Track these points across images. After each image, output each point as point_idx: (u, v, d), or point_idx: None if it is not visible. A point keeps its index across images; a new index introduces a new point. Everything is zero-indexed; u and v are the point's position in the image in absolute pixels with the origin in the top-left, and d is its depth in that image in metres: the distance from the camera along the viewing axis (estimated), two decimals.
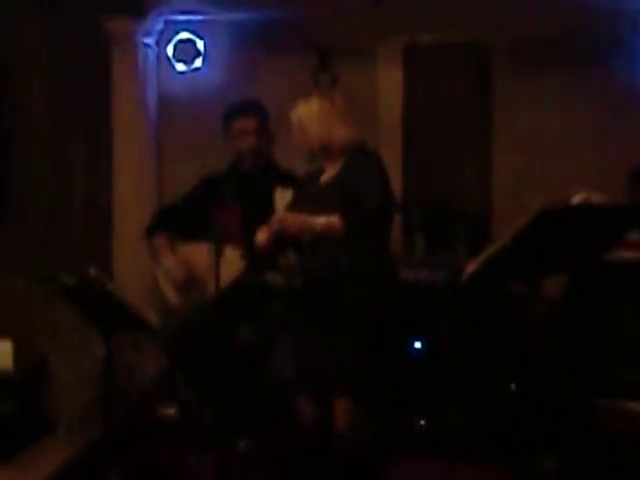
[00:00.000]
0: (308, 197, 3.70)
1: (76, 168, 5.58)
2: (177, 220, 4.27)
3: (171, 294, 4.19)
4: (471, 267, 2.96)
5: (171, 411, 4.76)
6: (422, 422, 4.59)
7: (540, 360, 3.74)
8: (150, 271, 4.47)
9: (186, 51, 5.56)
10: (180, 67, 5.61)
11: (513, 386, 4.33)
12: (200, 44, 5.57)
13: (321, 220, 3.48)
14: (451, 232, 5.16)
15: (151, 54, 5.63)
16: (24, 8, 5.56)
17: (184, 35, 5.56)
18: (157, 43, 5.64)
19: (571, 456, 3.94)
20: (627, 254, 3.96)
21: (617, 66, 5.34)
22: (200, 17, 5.54)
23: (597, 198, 2.97)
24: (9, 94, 5.59)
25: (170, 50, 5.58)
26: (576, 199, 2.91)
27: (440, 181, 5.59)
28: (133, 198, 5.50)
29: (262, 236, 3.70)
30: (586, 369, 4.16)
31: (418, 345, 4.70)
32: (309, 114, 3.70)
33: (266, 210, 3.86)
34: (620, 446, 3.83)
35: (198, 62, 5.59)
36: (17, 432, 4.52)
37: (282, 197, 3.77)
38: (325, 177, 3.71)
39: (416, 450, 4.44)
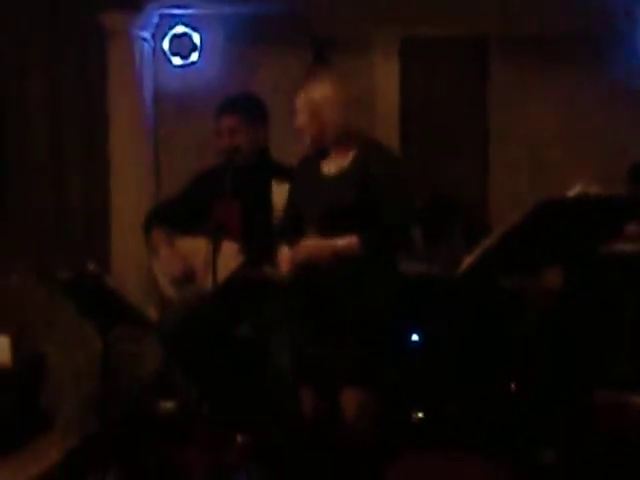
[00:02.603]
0: (312, 188, 3.49)
1: (73, 164, 5.58)
2: (174, 215, 4.26)
3: (168, 288, 4.18)
4: (468, 260, 2.95)
5: (169, 405, 4.77)
6: (420, 414, 4.59)
7: (539, 352, 3.73)
8: (148, 266, 4.47)
9: (182, 45, 5.55)
10: (176, 61, 5.60)
11: (513, 385, 4.34)
12: (196, 38, 5.57)
13: (342, 242, 3.31)
14: (448, 225, 5.16)
15: (147, 48, 5.63)
16: (22, 3, 5.56)
17: (180, 29, 5.55)
18: (153, 37, 5.64)
19: (571, 449, 3.94)
20: (627, 246, 3.96)
21: (615, 61, 5.33)
22: (196, 11, 5.53)
23: (595, 189, 2.95)
24: (6, 92, 5.59)
25: (166, 44, 5.57)
26: (574, 191, 2.89)
27: (437, 174, 5.60)
28: (130, 193, 5.49)
29: (285, 266, 3.51)
30: (586, 361, 4.16)
31: (415, 338, 4.70)
32: (324, 95, 3.45)
33: (263, 204, 3.85)
34: (620, 439, 3.83)
35: (194, 56, 5.58)
36: (15, 427, 4.52)
37: (279, 191, 3.76)
38: (332, 167, 3.48)
39: (414, 442, 4.45)
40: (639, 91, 5.29)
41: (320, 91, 3.46)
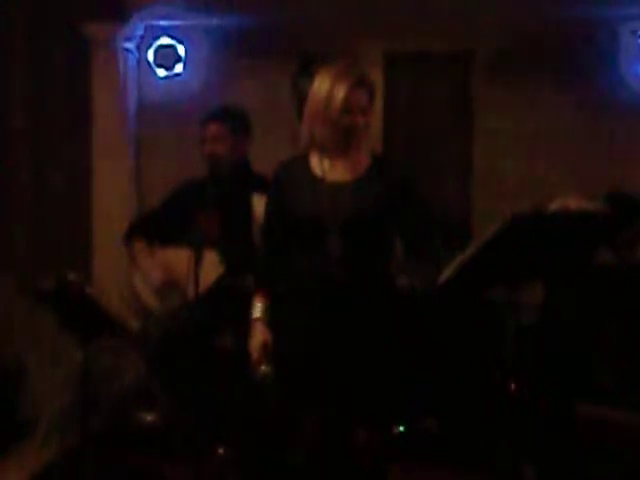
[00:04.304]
0: (319, 194, 3.13)
1: (56, 172, 5.56)
2: (156, 225, 4.27)
3: (150, 299, 4.19)
4: (445, 273, 2.94)
5: (149, 417, 4.74)
6: (400, 428, 4.58)
7: (521, 367, 3.73)
8: (129, 277, 4.46)
9: (167, 56, 5.55)
10: (161, 72, 5.60)
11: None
12: (181, 49, 5.56)
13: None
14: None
15: (132, 59, 5.62)
16: (5, 11, 5.55)
17: (165, 40, 5.55)
18: (138, 48, 5.63)
19: (552, 463, 3.95)
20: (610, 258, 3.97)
21: (598, 76, 5.37)
22: (181, 22, 5.54)
23: (577, 203, 2.95)
24: None
25: (151, 55, 5.57)
26: (554, 205, 2.90)
27: (421, 187, 5.60)
28: (113, 202, 5.49)
29: (257, 356, 3.23)
30: (568, 375, 4.17)
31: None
32: (365, 78, 3.13)
33: (244, 215, 3.86)
34: (601, 454, 3.83)
35: (179, 67, 5.58)
36: None
37: (260, 203, 3.75)
38: (341, 173, 3.15)
39: (395, 456, 4.44)
40: (621, 105, 5.32)
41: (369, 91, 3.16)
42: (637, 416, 3.84)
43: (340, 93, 3.05)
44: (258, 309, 3.26)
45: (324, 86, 3.09)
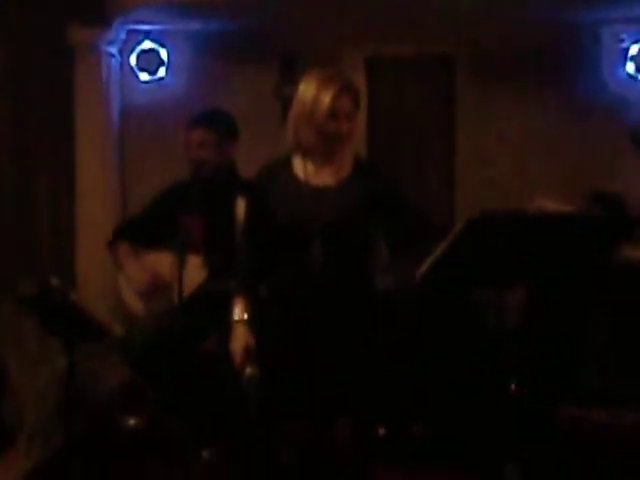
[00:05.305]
0: (301, 198, 3.14)
1: (39, 178, 5.55)
2: (140, 230, 4.27)
3: (135, 302, 4.19)
4: (419, 272, 2.96)
5: (134, 421, 4.74)
6: (382, 431, 4.58)
7: (505, 368, 3.74)
8: (113, 281, 4.46)
9: (149, 60, 5.56)
10: (144, 76, 5.60)
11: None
12: (164, 53, 5.57)
13: None
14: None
15: (114, 63, 5.62)
16: None
17: (147, 44, 5.55)
18: (120, 52, 5.63)
19: (535, 464, 3.96)
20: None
21: (580, 78, 5.40)
22: (163, 27, 5.54)
23: (554, 205, 2.97)
24: None
25: (133, 59, 5.58)
26: (532, 207, 2.92)
27: (404, 189, 5.61)
28: (96, 207, 5.48)
29: (240, 358, 3.21)
30: (550, 377, 4.19)
31: None
32: (351, 84, 3.14)
33: (228, 219, 3.86)
34: (584, 454, 3.85)
35: (162, 71, 5.58)
36: None
37: (243, 206, 3.75)
38: (325, 177, 3.15)
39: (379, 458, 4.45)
40: (604, 108, 5.35)
41: (347, 80, 3.15)
42: (620, 416, 3.87)
43: (326, 98, 3.04)
44: (239, 311, 3.25)
45: (310, 91, 3.08)
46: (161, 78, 5.61)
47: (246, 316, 3.24)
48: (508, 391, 3.45)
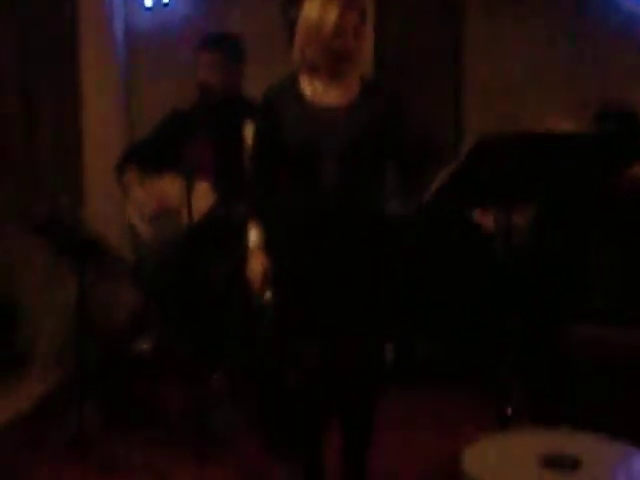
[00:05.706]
0: (313, 119, 3.08)
1: (44, 104, 5.52)
2: (147, 154, 4.27)
3: (143, 227, 4.20)
4: (427, 195, 2.95)
5: (145, 346, 4.80)
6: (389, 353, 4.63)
7: (511, 288, 3.76)
8: (121, 206, 4.47)
9: None
10: (148, 2, 5.54)
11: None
12: None
13: None
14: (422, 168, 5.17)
15: None
16: None
17: None
18: None
19: (543, 382, 4.00)
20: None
21: (592, 7, 5.32)
22: None
23: (565, 126, 2.96)
24: None
25: None
26: (543, 127, 2.91)
27: (411, 123, 5.58)
28: (102, 134, 5.44)
29: (258, 284, 3.25)
30: (557, 296, 4.20)
31: None
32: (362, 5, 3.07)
33: (236, 143, 3.86)
34: (591, 372, 3.88)
35: None
36: None
37: (251, 130, 3.73)
38: (333, 97, 3.10)
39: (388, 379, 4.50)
40: (616, 36, 5.28)
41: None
42: (632, 333, 3.88)
43: (331, 16, 2.98)
44: (254, 237, 3.26)
45: (314, 9, 3.02)
46: (166, 4, 5.54)
47: (260, 242, 3.26)
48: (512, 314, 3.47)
